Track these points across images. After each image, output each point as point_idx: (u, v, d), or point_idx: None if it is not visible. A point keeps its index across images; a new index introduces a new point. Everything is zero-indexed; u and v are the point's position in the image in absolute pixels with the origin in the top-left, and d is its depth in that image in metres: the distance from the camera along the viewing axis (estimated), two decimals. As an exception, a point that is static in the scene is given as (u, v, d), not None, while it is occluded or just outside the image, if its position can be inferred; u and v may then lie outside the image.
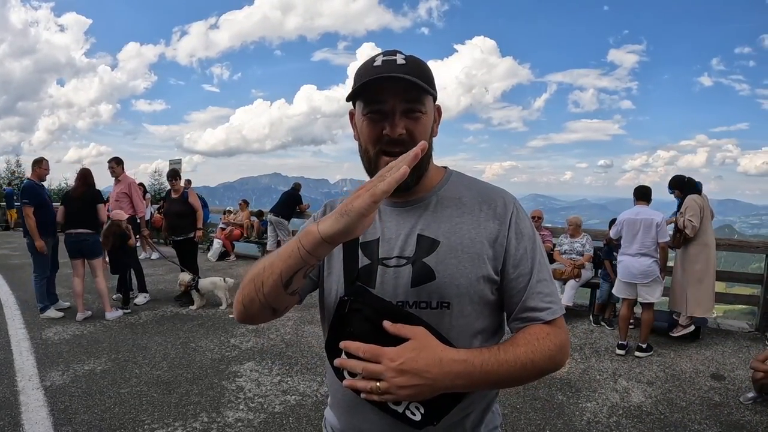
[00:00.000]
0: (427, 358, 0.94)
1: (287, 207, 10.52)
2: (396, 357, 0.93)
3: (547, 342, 1.05)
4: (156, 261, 10.62)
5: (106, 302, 6.24)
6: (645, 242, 5.20)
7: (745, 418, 3.88)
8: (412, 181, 1.09)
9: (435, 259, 1.08)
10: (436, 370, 0.93)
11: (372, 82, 1.04)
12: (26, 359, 4.80)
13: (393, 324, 0.97)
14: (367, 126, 1.10)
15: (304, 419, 3.72)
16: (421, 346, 0.95)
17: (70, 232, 6.02)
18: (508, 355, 1.00)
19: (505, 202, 1.15)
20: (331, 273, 1.19)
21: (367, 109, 1.09)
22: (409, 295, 1.08)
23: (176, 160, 12.64)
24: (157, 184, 21.63)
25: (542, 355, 1.03)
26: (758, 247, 6.73)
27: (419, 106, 1.08)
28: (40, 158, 6.33)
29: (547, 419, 3.79)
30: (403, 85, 1.04)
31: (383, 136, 1.07)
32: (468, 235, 1.10)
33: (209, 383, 4.33)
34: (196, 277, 6.92)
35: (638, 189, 5.55)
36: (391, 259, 1.12)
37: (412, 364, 0.92)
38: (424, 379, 0.93)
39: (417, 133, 1.08)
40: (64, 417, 3.67)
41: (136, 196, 7.24)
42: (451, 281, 1.07)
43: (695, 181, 5.80)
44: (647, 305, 5.30)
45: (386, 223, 1.17)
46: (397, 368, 0.92)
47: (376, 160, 1.10)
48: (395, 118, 1.06)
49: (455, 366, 0.95)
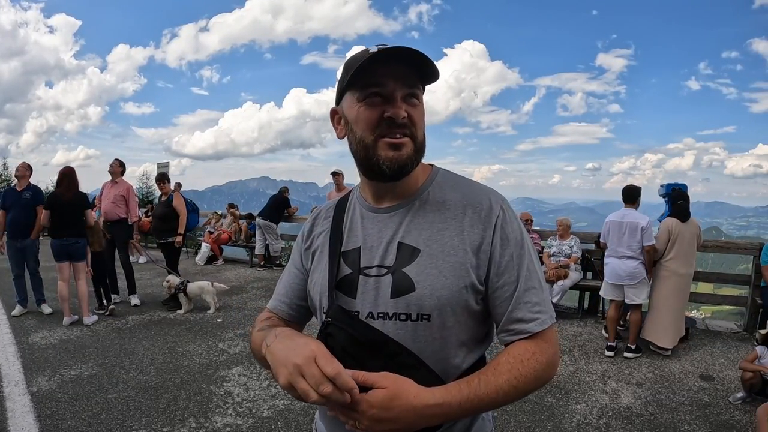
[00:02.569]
0: (401, 408, 0.91)
1: (275, 210, 10.50)
2: (368, 408, 0.91)
3: (533, 363, 1.00)
4: (144, 265, 10.54)
5: (85, 307, 6.17)
6: (631, 245, 5.21)
7: (735, 418, 3.91)
8: (410, 170, 1.07)
9: (415, 269, 1.04)
10: (411, 417, 0.91)
11: (382, 56, 0.99)
12: (12, 364, 4.74)
13: (363, 374, 0.93)
14: (364, 111, 1.04)
15: (293, 424, 3.70)
16: (393, 396, 0.91)
17: (60, 236, 5.96)
18: (490, 387, 0.96)
19: (491, 205, 1.08)
20: (315, 284, 1.19)
21: (364, 94, 1.03)
22: (389, 307, 1.05)
23: (164, 164, 12.58)
24: (144, 187, 21.49)
25: (526, 379, 0.99)
26: (745, 249, 6.79)
27: (418, 92, 1.05)
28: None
29: (537, 422, 3.79)
30: (402, 70, 1.01)
31: (383, 120, 1.02)
32: (450, 243, 1.05)
33: (197, 388, 4.29)
34: (185, 280, 6.87)
35: (625, 190, 5.49)
36: (372, 269, 1.09)
37: (385, 414, 0.90)
38: (400, 424, 0.91)
39: (417, 120, 1.05)
40: (51, 423, 3.62)
41: (132, 200, 7.24)
42: (432, 292, 1.02)
43: (680, 203, 5.50)
44: (635, 306, 5.32)
45: (368, 230, 1.13)
46: (372, 417, 0.90)
47: (375, 146, 1.04)
48: (397, 101, 1.02)
49: (430, 410, 0.92)
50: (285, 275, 1.31)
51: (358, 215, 1.17)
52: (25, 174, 6.45)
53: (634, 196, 5.46)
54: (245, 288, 8.57)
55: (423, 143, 1.08)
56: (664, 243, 5.29)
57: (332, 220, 1.21)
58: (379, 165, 1.04)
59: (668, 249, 5.30)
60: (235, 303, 7.22)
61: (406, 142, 1.04)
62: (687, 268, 5.38)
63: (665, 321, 5.31)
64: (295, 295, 1.26)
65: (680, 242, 5.28)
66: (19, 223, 6.25)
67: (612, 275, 5.40)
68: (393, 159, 1.03)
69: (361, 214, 1.17)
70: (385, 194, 1.13)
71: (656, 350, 5.39)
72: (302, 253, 1.26)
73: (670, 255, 5.29)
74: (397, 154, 1.03)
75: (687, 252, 5.35)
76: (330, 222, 1.21)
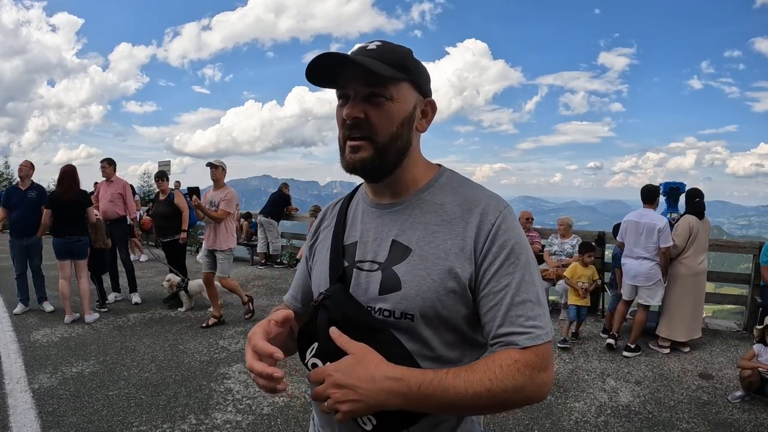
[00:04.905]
0: (360, 374, 0.92)
1: (276, 207, 10.53)
2: (333, 372, 0.94)
3: (512, 371, 0.93)
4: (144, 263, 10.57)
5: (86, 305, 6.20)
6: (647, 246, 5.23)
7: (733, 416, 3.92)
8: (378, 173, 1.08)
9: (404, 269, 1.04)
10: (367, 386, 0.91)
11: (320, 62, 1.01)
12: (14, 362, 4.76)
13: (340, 334, 0.98)
14: (337, 113, 1.08)
15: (293, 421, 3.71)
16: (356, 362, 0.94)
17: (62, 235, 5.99)
18: (458, 381, 0.92)
19: (491, 211, 1.04)
20: (315, 276, 1.23)
21: (337, 95, 1.08)
22: (376, 302, 1.06)
23: (165, 162, 12.58)
24: (146, 186, 21.50)
25: (503, 384, 0.92)
26: (746, 248, 6.79)
27: (382, 90, 1.02)
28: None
29: (536, 419, 3.81)
30: (361, 70, 1.00)
31: (344, 120, 1.05)
32: (443, 246, 1.03)
33: (197, 385, 4.31)
34: (186, 278, 6.89)
35: (644, 190, 5.51)
36: (365, 263, 1.10)
37: (345, 379, 0.92)
38: (357, 394, 0.92)
39: (377, 119, 1.03)
40: (53, 419, 3.64)
41: (129, 197, 7.27)
42: (417, 293, 1.01)
43: (697, 200, 5.57)
44: (644, 307, 5.35)
45: (366, 225, 1.15)
46: (333, 382, 0.93)
47: (343, 147, 1.07)
48: (354, 101, 1.03)
49: (388, 384, 0.92)
50: (297, 270, 1.38)
51: (360, 211, 1.19)
52: (29, 173, 6.47)
53: (652, 197, 5.47)
54: (246, 286, 8.57)
55: (389, 144, 1.05)
56: (685, 240, 5.33)
57: (337, 216, 1.24)
58: (342, 165, 1.09)
59: (688, 246, 5.36)
60: (236, 301, 7.23)
61: (363, 145, 1.04)
62: (702, 264, 5.46)
63: (682, 315, 5.39)
64: (304, 290, 1.33)
65: (698, 239, 5.37)
66: (26, 221, 6.27)
67: (628, 276, 5.44)
68: (349, 161, 1.06)
69: (363, 209, 1.19)
70: (382, 192, 1.15)
71: (655, 348, 5.42)
72: (309, 249, 1.31)
73: (689, 252, 5.36)
74: (352, 156, 1.06)
75: (703, 249, 5.45)
76: (335, 218, 1.24)
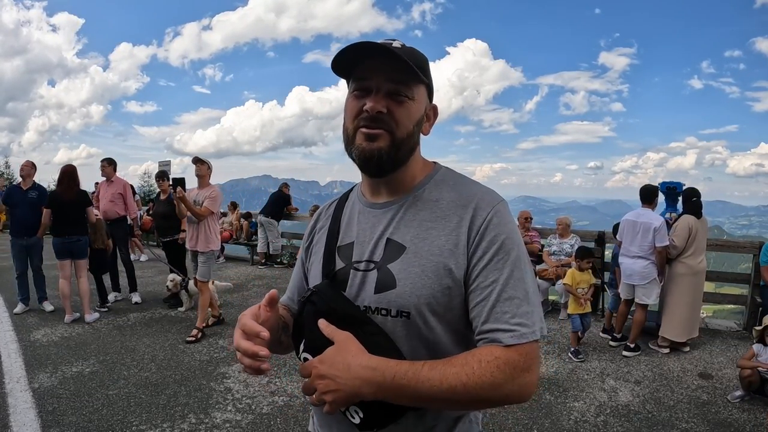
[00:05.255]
0: (338, 363, 0.94)
1: (276, 207, 10.52)
2: (318, 363, 0.96)
3: (492, 368, 0.91)
4: (144, 263, 10.57)
5: (86, 304, 6.20)
6: (642, 245, 5.25)
7: (733, 416, 3.92)
8: (388, 166, 1.08)
9: (399, 266, 1.05)
10: (344, 375, 0.93)
11: (356, 50, 1.02)
12: (14, 361, 4.77)
13: (327, 324, 1.00)
14: (350, 102, 1.08)
15: (292, 420, 3.72)
16: (337, 351, 0.96)
17: (62, 234, 5.99)
18: (434, 373, 0.91)
19: (484, 206, 1.05)
20: (311, 278, 1.22)
21: (354, 86, 1.08)
22: (372, 301, 1.06)
23: (166, 162, 12.57)
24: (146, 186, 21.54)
25: (480, 381, 0.90)
26: (746, 248, 6.78)
27: (405, 89, 1.04)
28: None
29: (535, 419, 3.81)
30: (390, 66, 1.01)
31: (362, 112, 1.04)
32: (437, 243, 1.04)
33: (197, 384, 4.32)
34: (186, 278, 6.89)
35: (643, 190, 5.52)
36: (362, 263, 1.10)
37: (327, 370, 0.94)
38: (335, 383, 0.93)
39: (399, 116, 1.04)
40: (53, 419, 3.65)
41: (129, 197, 7.27)
42: (412, 291, 1.02)
43: (694, 200, 5.52)
44: (642, 306, 5.37)
45: (362, 224, 1.15)
46: (317, 374, 0.95)
47: (354, 135, 1.07)
48: (378, 95, 1.03)
49: (362, 372, 0.92)
50: (294, 271, 1.37)
51: (356, 211, 1.19)
52: (30, 173, 6.47)
53: (651, 197, 5.48)
54: (246, 285, 8.59)
55: (405, 141, 1.07)
56: (685, 240, 5.32)
57: (332, 217, 1.24)
58: (353, 154, 1.08)
59: (688, 246, 5.35)
60: (236, 301, 7.24)
61: (382, 134, 1.04)
62: (702, 263, 5.46)
63: (681, 315, 5.38)
64: (300, 291, 1.31)
65: (698, 239, 5.37)
66: (26, 221, 6.27)
67: (624, 274, 5.48)
68: (364, 149, 1.05)
69: (359, 209, 1.19)
70: (380, 189, 1.15)
71: (655, 348, 5.42)
72: (305, 251, 1.30)
73: (689, 252, 5.35)
74: (368, 144, 1.05)
75: (702, 248, 5.45)
76: (330, 218, 1.24)
